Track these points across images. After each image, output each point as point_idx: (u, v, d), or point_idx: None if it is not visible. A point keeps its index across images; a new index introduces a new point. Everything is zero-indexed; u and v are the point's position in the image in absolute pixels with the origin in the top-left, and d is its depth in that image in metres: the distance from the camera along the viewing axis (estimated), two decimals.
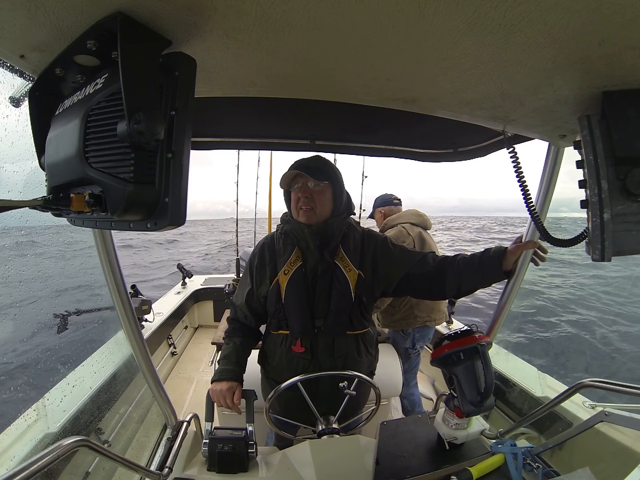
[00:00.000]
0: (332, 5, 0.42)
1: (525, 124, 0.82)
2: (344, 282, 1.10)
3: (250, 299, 1.18)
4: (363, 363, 1.18)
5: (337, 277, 1.11)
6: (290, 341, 1.13)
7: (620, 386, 0.93)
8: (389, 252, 1.15)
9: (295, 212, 1.11)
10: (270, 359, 1.20)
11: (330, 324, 1.10)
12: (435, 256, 1.14)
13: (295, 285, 1.11)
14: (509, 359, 1.95)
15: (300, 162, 1.10)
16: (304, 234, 1.09)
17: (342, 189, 1.13)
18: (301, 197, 1.08)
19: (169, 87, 0.45)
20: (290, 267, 1.11)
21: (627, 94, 0.59)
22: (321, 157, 1.15)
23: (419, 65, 0.57)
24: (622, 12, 0.41)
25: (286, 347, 1.14)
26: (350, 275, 1.11)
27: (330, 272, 1.11)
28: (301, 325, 1.11)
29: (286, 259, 1.13)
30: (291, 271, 1.11)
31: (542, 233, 0.89)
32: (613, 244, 0.62)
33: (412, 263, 1.13)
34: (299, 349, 1.11)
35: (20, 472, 0.55)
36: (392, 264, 1.14)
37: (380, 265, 1.14)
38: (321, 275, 1.10)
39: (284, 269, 1.12)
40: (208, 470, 1.01)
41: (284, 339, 1.15)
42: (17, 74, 0.56)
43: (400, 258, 1.14)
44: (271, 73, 0.63)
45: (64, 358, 2.55)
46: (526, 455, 1.00)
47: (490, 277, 1.07)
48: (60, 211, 0.50)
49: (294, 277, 1.11)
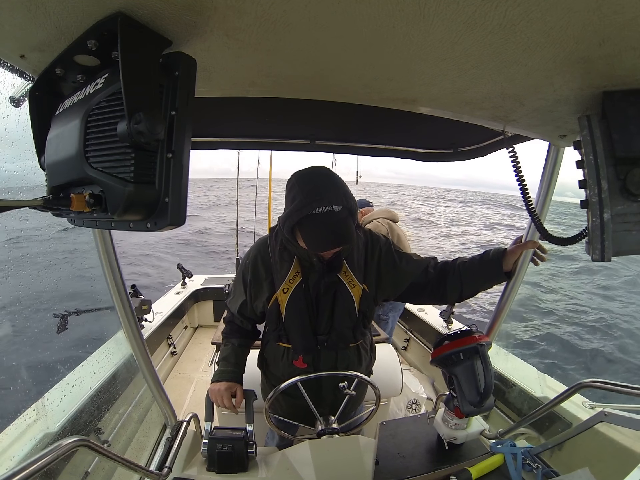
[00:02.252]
0: (332, 5, 0.42)
1: (525, 124, 0.82)
2: (348, 299, 1.06)
3: (244, 310, 1.15)
4: (362, 367, 1.18)
5: (340, 293, 1.06)
6: (292, 356, 1.11)
7: (620, 386, 0.93)
8: (393, 262, 1.11)
9: (314, 254, 1.00)
10: (271, 368, 1.19)
11: (333, 340, 1.08)
12: (437, 262, 1.13)
13: (296, 303, 1.05)
14: (509, 359, 1.96)
15: (333, 228, 0.90)
16: (308, 256, 1.02)
17: (355, 212, 0.99)
18: (326, 255, 1.00)
19: (169, 87, 0.45)
20: (290, 284, 1.05)
21: (627, 94, 0.59)
22: (333, 185, 0.93)
23: (419, 65, 0.57)
24: (622, 12, 0.41)
25: (288, 361, 1.12)
26: (355, 291, 1.06)
27: (334, 289, 1.06)
28: (303, 344, 1.08)
29: (284, 275, 1.05)
30: (291, 289, 1.04)
31: (542, 232, 0.89)
32: (613, 244, 0.62)
33: (418, 272, 1.10)
34: (301, 365, 1.09)
35: (20, 471, 0.55)
36: (398, 274, 1.11)
37: (385, 275, 1.11)
38: (324, 293, 1.05)
39: (283, 287, 1.05)
40: (207, 470, 1.01)
41: (285, 352, 1.12)
42: (17, 74, 0.56)
43: (406, 268, 1.11)
44: (271, 73, 0.63)
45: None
46: (526, 456, 1.00)
47: (490, 278, 1.07)
48: (60, 211, 0.50)
49: (295, 295, 1.05)
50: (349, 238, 0.92)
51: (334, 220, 0.89)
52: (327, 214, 0.89)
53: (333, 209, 0.89)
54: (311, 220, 0.89)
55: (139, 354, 1.17)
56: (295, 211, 0.90)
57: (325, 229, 0.90)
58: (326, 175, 0.96)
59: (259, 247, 1.12)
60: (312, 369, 1.09)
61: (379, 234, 1.18)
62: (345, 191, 0.94)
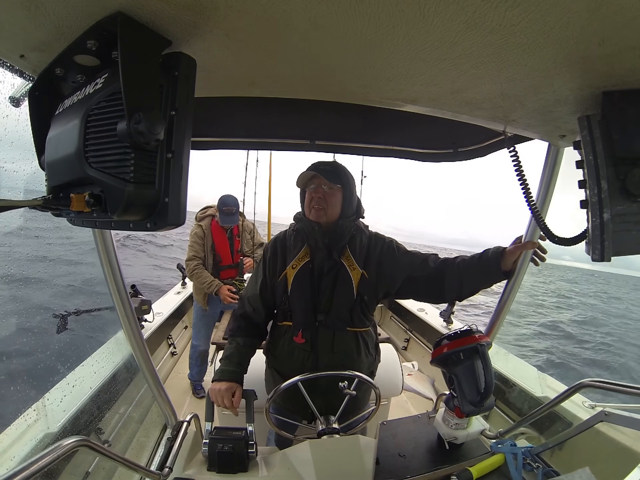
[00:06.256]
0: (332, 5, 0.42)
1: (525, 124, 0.82)
2: (347, 280, 1.15)
3: (264, 288, 1.23)
4: (363, 362, 1.19)
5: (341, 275, 1.16)
6: (292, 332, 1.17)
7: (620, 386, 0.93)
8: (393, 254, 1.20)
9: (308, 210, 1.16)
10: (273, 349, 1.25)
11: (331, 319, 1.14)
12: (437, 258, 1.16)
13: (302, 279, 1.16)
14: (509, 359, 1.96)
15: (318, 165, 1.16)
16: (314, 232, 1.15)
17: (353, 193, 1.18)
18: (314, 197, 1.13)
19: (169, 87, 0.45)
20: (299, 262, 1.18)
21: (627, 94, 0.59)
22: (338, 163, 1.21)
23: (419, 65, 0.57)
24: (622, 12, 0.41)
25: (288, 337, 1.18)
26: (354, 274, 1.16)
27: (336, 270, 1.16)
28: (303, 318, 1.15)
29: (295, 254, 1.19)
30: (299, 266, 1.17)
31: (544, 231, 0.88)
32: (613, 244, 0.62)
33: (415, 265, 1.16)
34: (299, 340, 1.15)
35: (20, 472, 0.54)
36: (397, 265, 1.18)
37: (386, 266, 1.18)
38: (327, 272, 1.16)
39: (293, 264, 1.18)
40: (208, 470, 1.00)
41: (287, 329, 1.19)
42: (17, 74, 0.56)
43: (404, 260, 1.18)
44: (271, 73, 0.62)
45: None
46: (526, 455, 1.00)
47: (489, 278, 1.08)
48: (60, 211, 0.50)
49: (301, 271, 1.17)
50: (328, 174, 1.10)
51: (323, 167, 1.14)
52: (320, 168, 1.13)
53: (327, 168, 1.13)
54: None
55: (139, 354, 1.17)
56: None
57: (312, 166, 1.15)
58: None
59: (279, 234, 1.30)
60: (309, 347, 1.15)
61: (383, 235, 1.27)
62: (348, 176, 1.16)
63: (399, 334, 3.23)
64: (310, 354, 1.15)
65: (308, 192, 1.17)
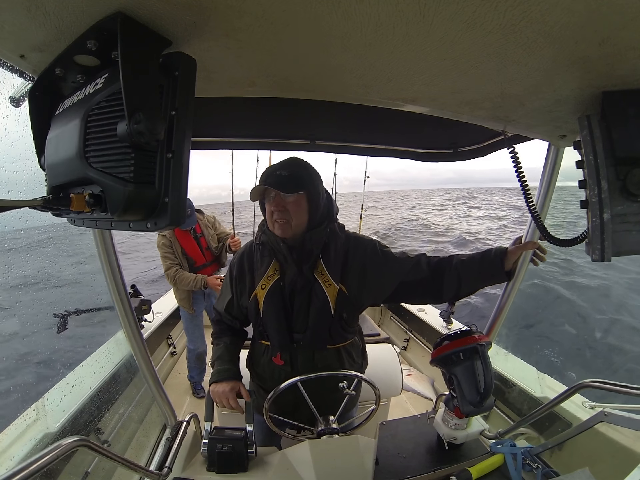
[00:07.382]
0: (332, 5, 0.42)
1: (525, 124, 0.82)
2: (322, 298, 1.05)
3: (231, 308, 1.18)
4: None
5: (315, 293, 1.06)
6: (271, 352, 1.13)
7: (620, 386, 0.93)
8: (379, 263, 1.09)
9: (271, 224, 1.03)
10: (255, 366, 1.22)
11: (308, 339, 1.08)
12: (429, 259, 1.11)
13: (273, 300, 1.07)
14: (509, 359, 1.96)
15: (270, 172, 1.01)
16: (280, 248, 1.04)
17: (320, 195, 1.03)
18: (275, 210, 1.00)
19: (169, 87, 0.45)
20: (268, 281, 1.08)
21: (627, 94, 0.59)
22: (294, 162, 1.04)
23: (419, 65, 0.57)
24: (622, 12, 0.41)
25: (268, 357, 1.14)
26: (330, 291, 1.05)
27: (309, 288, 1.06)
28: (279, 340, 1.09)
29: (263, 272, 1.09)
30: (268, 285, 1.08)
31: (543, 233, 0.89)
32: (613, 244, 0.63)
33: (406, 271, 1.08)
34: (279, 362, 1.11)
35: (20, 471, 0.54)
36: (384, 275, 1.09)
37: (370, 278, 1.08)
38: (299, 291, 1.06)
39: (261, 284, 1.08)
40: (207, 470, 1.00)
41: (266, 349, 1.15)
42: (17, 74, 0.56)
43: (392, 268, 1.09)
44: (271, 73, 0.62)
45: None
46: (526, 456, 1.00)
47: (490, 278, 1.07)
48: (60, 211, 0.50)
49: (271, 291, 1.07)
50: (284, 183, 0.97)
51: (277, 173, 1.00)
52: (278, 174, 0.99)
53: (282, 173, 0.99)
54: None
55: (138, 354, 1.17)
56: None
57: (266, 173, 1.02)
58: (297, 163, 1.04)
59: (245, 246, 1.19)
60: (289, 367, 1.10)
61: (364, 236, 1.17)
62: (309, 175, 1.02)
63: (398, 334, 3.23)
64: (290, 373, 1.09)
65: (267, 204, 1.02)
